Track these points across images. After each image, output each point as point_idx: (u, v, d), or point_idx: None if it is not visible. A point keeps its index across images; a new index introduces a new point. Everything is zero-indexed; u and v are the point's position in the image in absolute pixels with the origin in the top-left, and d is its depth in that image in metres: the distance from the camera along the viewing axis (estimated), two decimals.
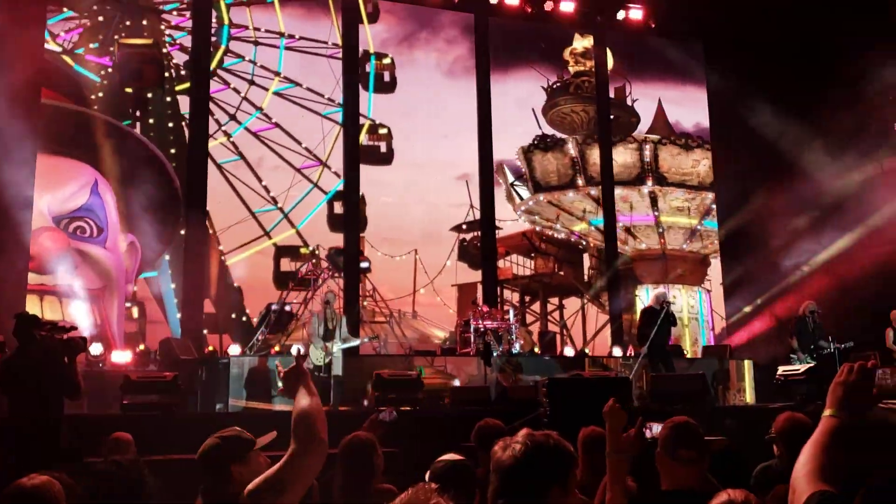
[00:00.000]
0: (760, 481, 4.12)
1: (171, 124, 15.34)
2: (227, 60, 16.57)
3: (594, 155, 17.89)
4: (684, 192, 18.45)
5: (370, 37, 17.36)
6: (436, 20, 17.97)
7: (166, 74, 15.42)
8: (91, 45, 15.12)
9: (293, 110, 16.85)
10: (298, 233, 16.37)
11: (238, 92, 16.53)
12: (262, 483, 2.45)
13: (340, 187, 16.06)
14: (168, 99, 15.50)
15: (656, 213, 18.70)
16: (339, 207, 16.04)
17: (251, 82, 16.69)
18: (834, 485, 1.66)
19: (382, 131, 17.04)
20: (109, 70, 14.83)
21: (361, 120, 16.37)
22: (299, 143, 16.69)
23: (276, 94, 16.77)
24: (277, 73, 16.82)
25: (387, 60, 17.39)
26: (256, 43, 16.88)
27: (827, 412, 1.81)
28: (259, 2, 17.11)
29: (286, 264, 16.02)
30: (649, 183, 18.33)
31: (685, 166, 18.21)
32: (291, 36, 17.05)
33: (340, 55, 16.13)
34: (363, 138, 16.54)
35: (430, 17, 17.95)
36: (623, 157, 18.24)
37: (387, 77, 17.39)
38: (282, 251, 16.13)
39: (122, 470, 3.16)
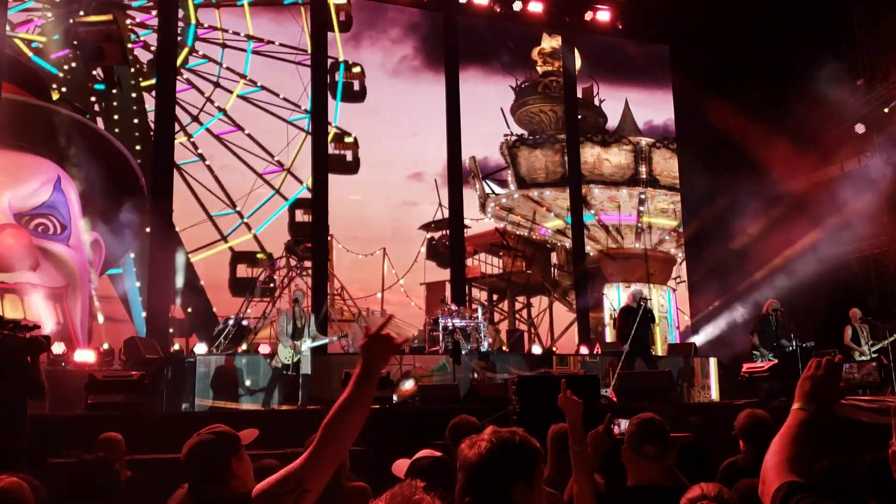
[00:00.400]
0: (727, 476, 4.19)
1: (136, 121, 15.13)
2: (192, 60, 16.34)
3: (586, 153, 18.05)
4: (672, 194, 18.66)
5: (340, 45, 17.25)
6: (380, 19, 17.96)
7: (132, 69, 15.21)
8: (52, 38, 14.85)
9: (257, 114, 16.67)
10: (256, 238, 16.09)
11: (202, 93, 16.30)
12: (277, 485, 2.21)
13: (303, 194, 15.95)
14: (133, 95, 15.29)
15: (642, 214, 18.92)
16: (300, 215, 15.83)
17: (216, 84, 16.50)
18: (802, 475, 1.71)
19: (348, 140, 16.93)
20: (72, 63, 14.56)
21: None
22: (263, 148, 16.50)
23: (241, 97, 16.58)
24: (243, 76, 16.64)
25: (356, 69, 17.29)
26: (224, 45, 16.70)
27: (796, 405, 1.87)
28: (229, 4, 16.93)
29: (242, 270, 15.65)
30: (643, 184, 18.52)
31: (676, 169, 18.39)
32: (260, 39, 16.89)
33: (309, 62, 15.99)
34: (329, 147, 16.43)
35: (376, 17, 17.94)
36: (617, 157, 18.40)
37: (356, 86, 17.30)
38: (238, 257, 15.74)
39: (90, 470, 3.13)
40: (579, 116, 17.96)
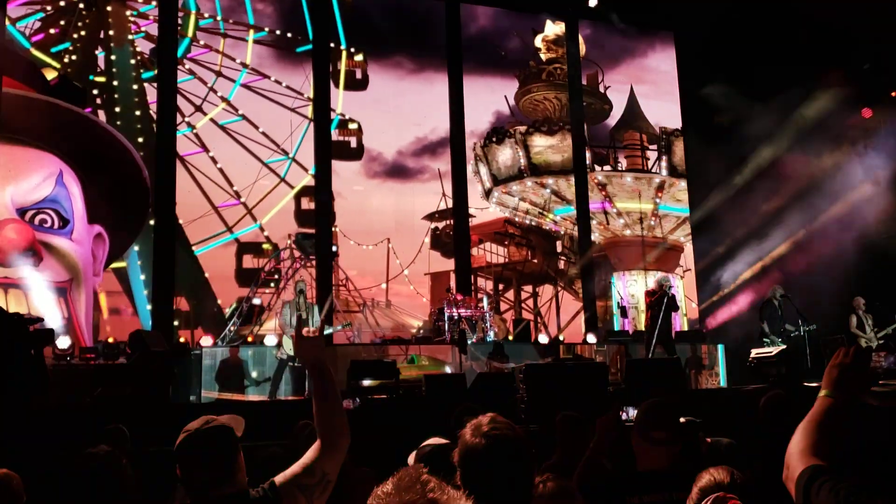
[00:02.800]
0: (711, 458, 4.17)
1: (137, 113, 15.09)
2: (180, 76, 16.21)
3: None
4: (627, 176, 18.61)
5: (341, 99, 17.19)
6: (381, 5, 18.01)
7: (132, 61, 15.17)
8: (51, 31, 14.82)
9: (232, 142, 16.78)
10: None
11: (180, 112, 16.23)
12: (305, 476, 2.38)
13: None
14: (134, 87, 15.24)
15: (608, 199, 18.75)
16: (306, 203, 15.93)
17: (197, 108, 16.49)
18: (826, 461, 1.71)
19: (353, 126, 17.00)
20: (72, 56, 14.52)
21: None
22: (227, 179, 16.54)
23: (219, 125, 16.58)
24: (225, 100, 16.63)
25: (353, 126, 17.22)
26: (219, 74, 16.68)
27: (822, 392, 1.86)
28: (236, 37, 16.89)
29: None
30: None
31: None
32: (257, 73, 16.84)
33: (302, 108, 16.22)
34: (305, 202, 16.43)
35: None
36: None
37: (353, 143, 17.25)
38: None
39: (98, 462, 3.07)
40: (584, 104, 17.83)
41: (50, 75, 13.83)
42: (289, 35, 17.00)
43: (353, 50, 17.32)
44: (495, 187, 19.13)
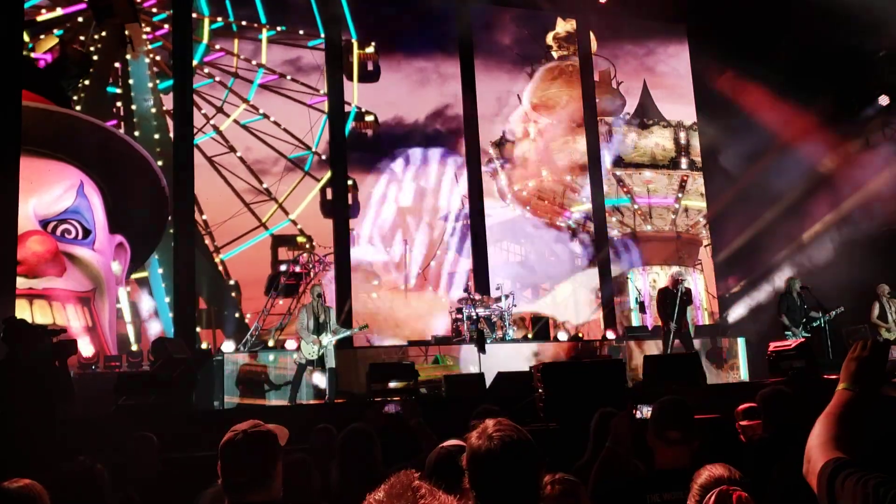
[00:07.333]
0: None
1: (155, 123, 15.25)
2: (198, 80, 16.34)
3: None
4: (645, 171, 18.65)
5: (357, 93, 17.21)
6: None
7: (148, 71, 15.35)
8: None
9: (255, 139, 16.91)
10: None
11: (200, 109, 16.37)
12: None
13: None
14: (151, 97, 15.40)
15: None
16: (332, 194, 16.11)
17: (219, 109, 16.67)
18: (848, 453, 1.70)
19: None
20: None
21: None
22: (258, 178, 16.67)
23: (242, 125, 16.78)
24: (246, 101, 16.80)
25: (369, 118, 17.32)
26: (236, 75, 16.80)
27: (841, 385, 1.86)
28: (249, 37, 17.02)
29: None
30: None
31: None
32: (272, 71, 16.97)
33: (319, 103, 16.37)
34: (330, 193, 16.54)
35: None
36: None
37: (369, 134, 17.35)
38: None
39: (72, 471, 3.14)
40: (597, 100, 17.76)
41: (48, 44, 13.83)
42: (300, 32, 17.10)
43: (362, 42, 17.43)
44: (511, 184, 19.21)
